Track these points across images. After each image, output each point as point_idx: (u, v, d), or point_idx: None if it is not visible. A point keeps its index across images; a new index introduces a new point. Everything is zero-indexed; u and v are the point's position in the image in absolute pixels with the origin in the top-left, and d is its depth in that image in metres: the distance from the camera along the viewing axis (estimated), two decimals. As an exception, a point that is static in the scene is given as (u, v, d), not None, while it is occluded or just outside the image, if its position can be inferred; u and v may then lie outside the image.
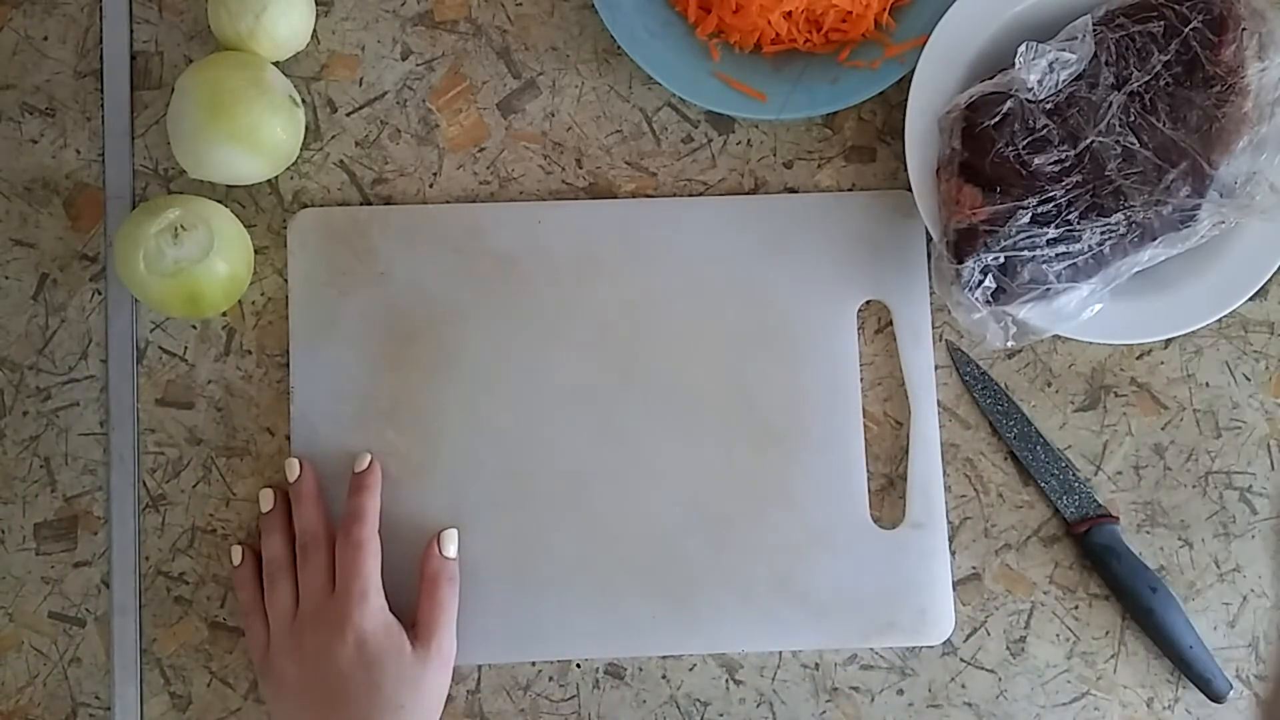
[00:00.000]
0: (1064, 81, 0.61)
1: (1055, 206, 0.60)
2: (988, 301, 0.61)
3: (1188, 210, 0.60)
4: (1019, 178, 0.61)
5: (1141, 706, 0.66)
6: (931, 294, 0.67)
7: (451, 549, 0.63)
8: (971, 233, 0.61)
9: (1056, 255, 0.60)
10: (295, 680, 0.60)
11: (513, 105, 0.69)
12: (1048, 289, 0.61)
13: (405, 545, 0.64)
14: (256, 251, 0.66)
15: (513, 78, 0.69)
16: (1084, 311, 0.62)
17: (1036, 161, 0.61)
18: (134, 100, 0.68)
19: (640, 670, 0.66)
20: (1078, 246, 0.60)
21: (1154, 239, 0.61)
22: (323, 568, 0.61)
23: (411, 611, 0.62)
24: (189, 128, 0.62)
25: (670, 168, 0.68)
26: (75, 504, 0.66)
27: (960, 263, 0.61)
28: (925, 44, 0.65)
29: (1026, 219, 0.60)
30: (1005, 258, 0.61)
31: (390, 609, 0.61)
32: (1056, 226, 0.60)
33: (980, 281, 0.61)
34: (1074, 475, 0.66)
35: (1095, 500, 0.66)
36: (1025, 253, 0.60)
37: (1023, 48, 0.61)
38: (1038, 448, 0.66)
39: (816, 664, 0.66)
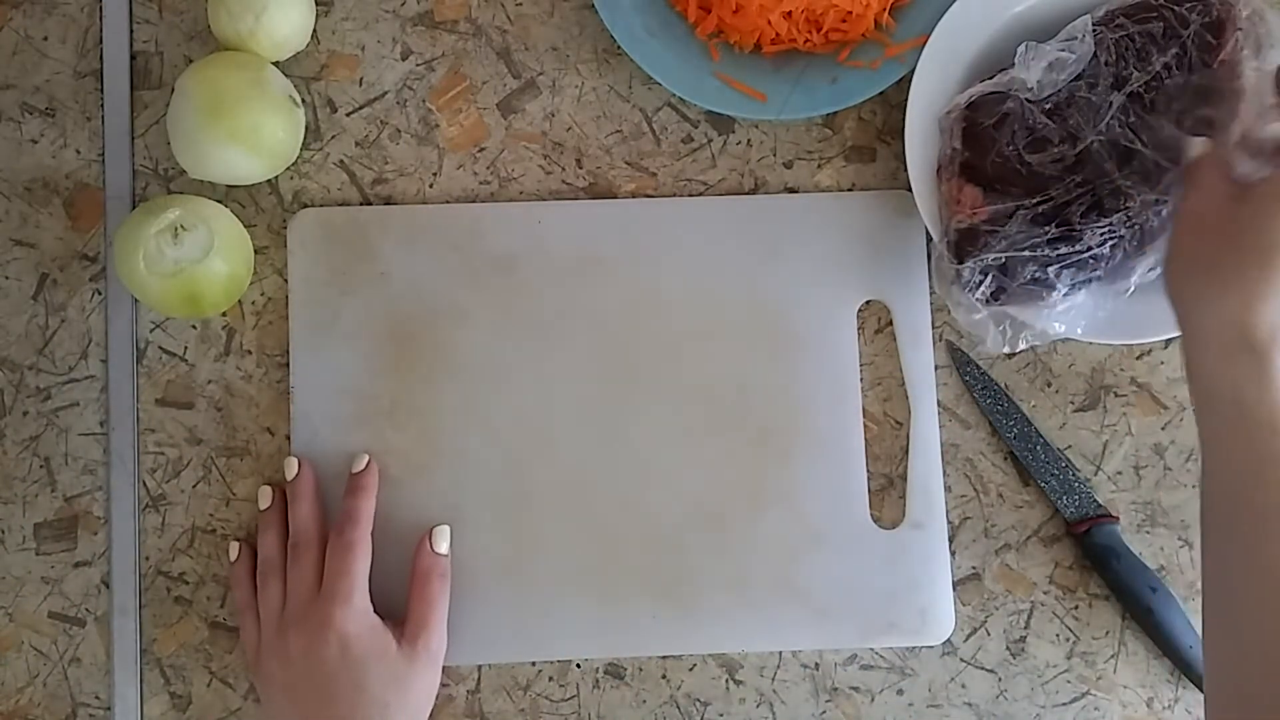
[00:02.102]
0: (1063, 81, 0.61)
1: (1055, 206, 0.60)
2: (987, 301, 0.61)
3: None
4: (1019, 177, 0.61)
5: (1141, 706, 0.66)
6: (931, 294, 0.67)
7: (443, 545, 0.63)
8: (972, 233, 0.61)
9: (1057, 256, 0.60)
10: (282, 680, 0.60)
11: (513, 105, 0.69)
12: (1049, 288, 0.61)
13: (404, 545, 0.64)
14: (256, 251, 0.66)
15: (513, 78, 0.69)
16: (1085, 318, 0.62)
17: (1036, 161, 0.61)
18: (134, 100, 0.68)
19: (640, 670, 0.66)
20: (1078, 247, 0.60)
21: (1154, 240, 0.61)
22: (312, 567, 0.61)
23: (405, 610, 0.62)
24: (189, 128, 0.62)
25: (670, 168, 0.68)
26: (75, 504, 0.66)
27: (960, 263, 0.61)
28: (925, 44, 0.65)
29: (1027, 218, 0.60)
30: (1006, 258, 0.61)
31: (379, 609, 0.61)
32: (1057, 226, 0.60)
33: (980, 282, 0.61)
34: (1074, 475, 0.66)
35: (1095, 500, 0.66)
36: (1026, 253, 0.60)
37: (1022, 48, 0.61)
38: (1038, 448, 0.66)
39: (816, 664, 0.66)
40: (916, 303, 0.67)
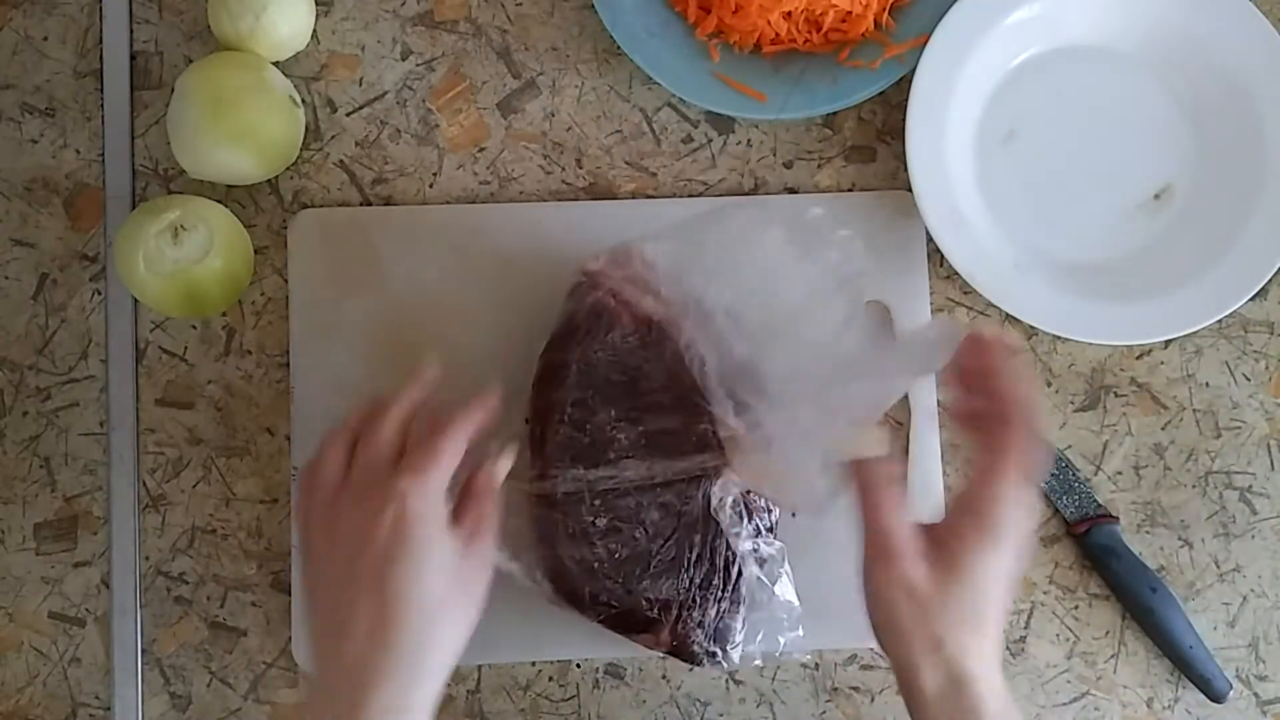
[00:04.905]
0: None
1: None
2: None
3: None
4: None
5: (1141, 706, 0.66)
6: (931, 294, 0.67)
7: (503, 473, 0.56)
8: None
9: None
10: (324, 558, 0.54)
11: (513, 105, 0.69)
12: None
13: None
14: (256, 251, 0.66)
15: (513, 78, 0.69)
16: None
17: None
18: (134, 100, 0.68)
19: (640, 670, 0.65)
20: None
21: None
22: (390, 439, 0.55)
23: None
24: (189, 128, 0.62)
25: (670, 168, 0.68)
26: (75, 504, 0.66)
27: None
28: (925, 44, 0.65)
29: None
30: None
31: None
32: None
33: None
34: (1074, 475, 0.66)
35: (1095, 500, 0.66)
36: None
37: None
38: (1038, 448, 0.66)
39: (816, 664, 0.66)
40: (916, 303, 0.67)
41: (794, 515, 0.62)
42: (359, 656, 0.50)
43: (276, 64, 0.66)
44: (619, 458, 0.58)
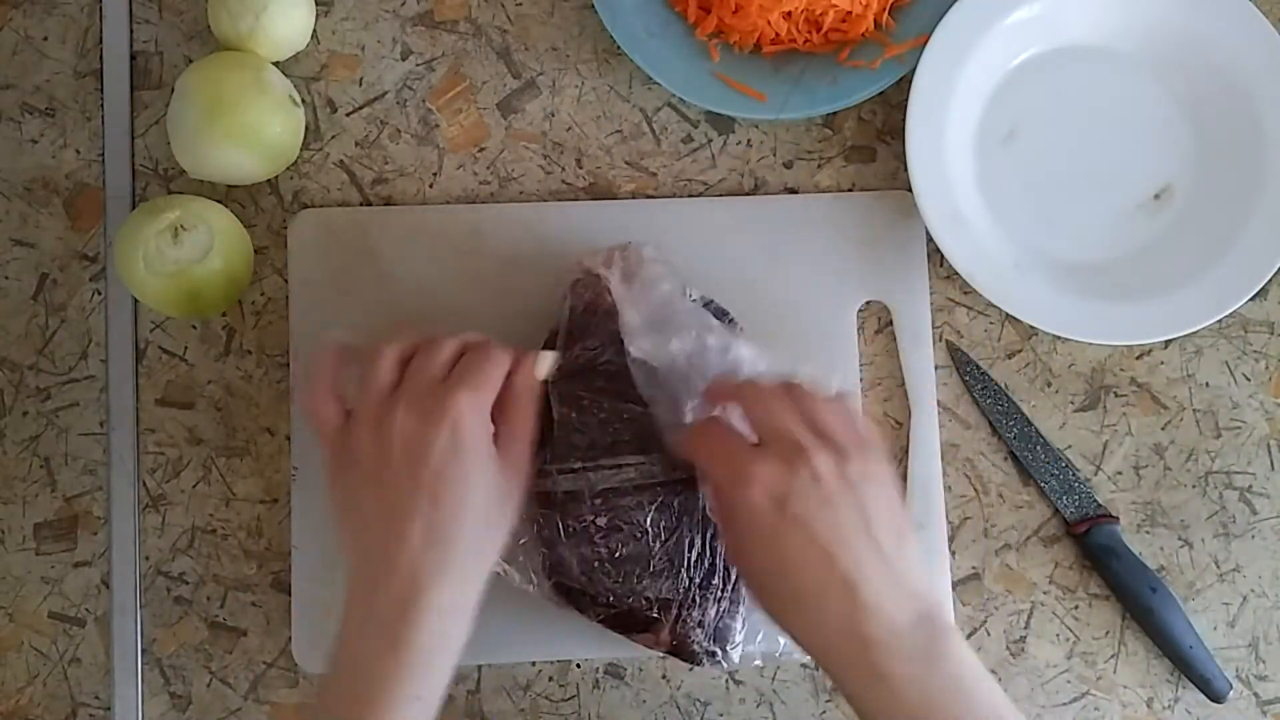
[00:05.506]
0: None
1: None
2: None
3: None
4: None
5: (1141, 706, 0.66)
6: (932, 294, 0.67)
7: (543, 371, 0.59)
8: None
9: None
10: (370, 467, 0.54)
11: (513, 105, 0.69)
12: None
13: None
14: (256, 251, 0.66)
15: (513, 78, 0.69)
16: None
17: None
18: (134, 100, 0.68)
19: (640, 670, 0.66)
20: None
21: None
22: (444, 361, 0.56)
23: None
24: (189, 128, 0.62)
25: (670, 168, 0.68)
26: (75, 504, 0.66)
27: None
28: (925, 44, 0.65)
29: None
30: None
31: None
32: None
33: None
34: (1074, 475, 0.66)
35: (1095, 500, 0.66)
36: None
37: None
38: (1038, 448, 0.66)
39: (816, 664, 0.66)
40: (916, 303, 0.67)
41: None
42: (414, 561, 0.52)
43: (276, 64, 0.66)
44: (618, 456, 0.58)
